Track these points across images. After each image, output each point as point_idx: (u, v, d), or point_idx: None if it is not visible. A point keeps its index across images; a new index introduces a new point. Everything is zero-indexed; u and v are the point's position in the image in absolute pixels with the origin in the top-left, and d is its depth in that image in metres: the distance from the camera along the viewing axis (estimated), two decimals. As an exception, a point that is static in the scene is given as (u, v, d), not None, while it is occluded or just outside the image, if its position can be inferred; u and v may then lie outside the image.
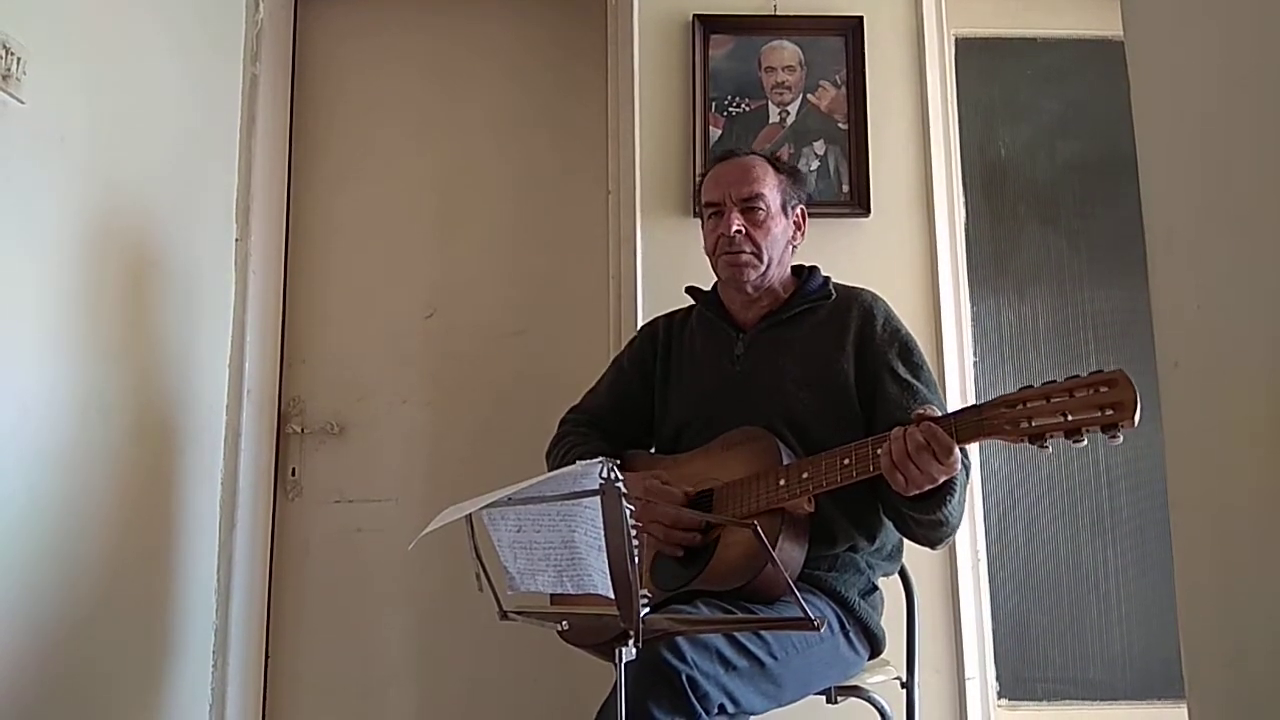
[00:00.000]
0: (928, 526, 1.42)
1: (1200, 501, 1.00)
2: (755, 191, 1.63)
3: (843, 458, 1.38)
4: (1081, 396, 1.16)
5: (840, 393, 1.56)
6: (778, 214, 1.65)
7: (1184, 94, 1.02)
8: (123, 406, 1.81)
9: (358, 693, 2.29)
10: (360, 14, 2.53)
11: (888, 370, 1.55)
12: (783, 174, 1.69)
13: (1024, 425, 1.20)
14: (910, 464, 1.28)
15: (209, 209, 2.16)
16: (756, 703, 1.37)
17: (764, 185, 1.64)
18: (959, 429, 1.27)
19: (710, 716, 1.29)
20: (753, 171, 1.65)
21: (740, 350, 1.66)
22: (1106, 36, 2.41)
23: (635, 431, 1.77)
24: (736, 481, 1.49)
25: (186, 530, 2.02)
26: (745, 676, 1.34)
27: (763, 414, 1.55)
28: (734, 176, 1.66)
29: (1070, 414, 1.16)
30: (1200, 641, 1.00)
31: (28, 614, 1.54)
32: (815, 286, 1.68)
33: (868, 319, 1.61)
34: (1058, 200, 2.44)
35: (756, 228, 1.63)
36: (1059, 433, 1.17)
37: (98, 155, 1.73)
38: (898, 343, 1.59)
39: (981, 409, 1.26)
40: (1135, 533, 2.29)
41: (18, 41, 1.47)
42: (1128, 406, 1.13)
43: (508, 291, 2.43)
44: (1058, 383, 1.20)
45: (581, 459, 1.63)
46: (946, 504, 1.36)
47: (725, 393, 1.63)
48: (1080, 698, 2.25)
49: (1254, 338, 0.89)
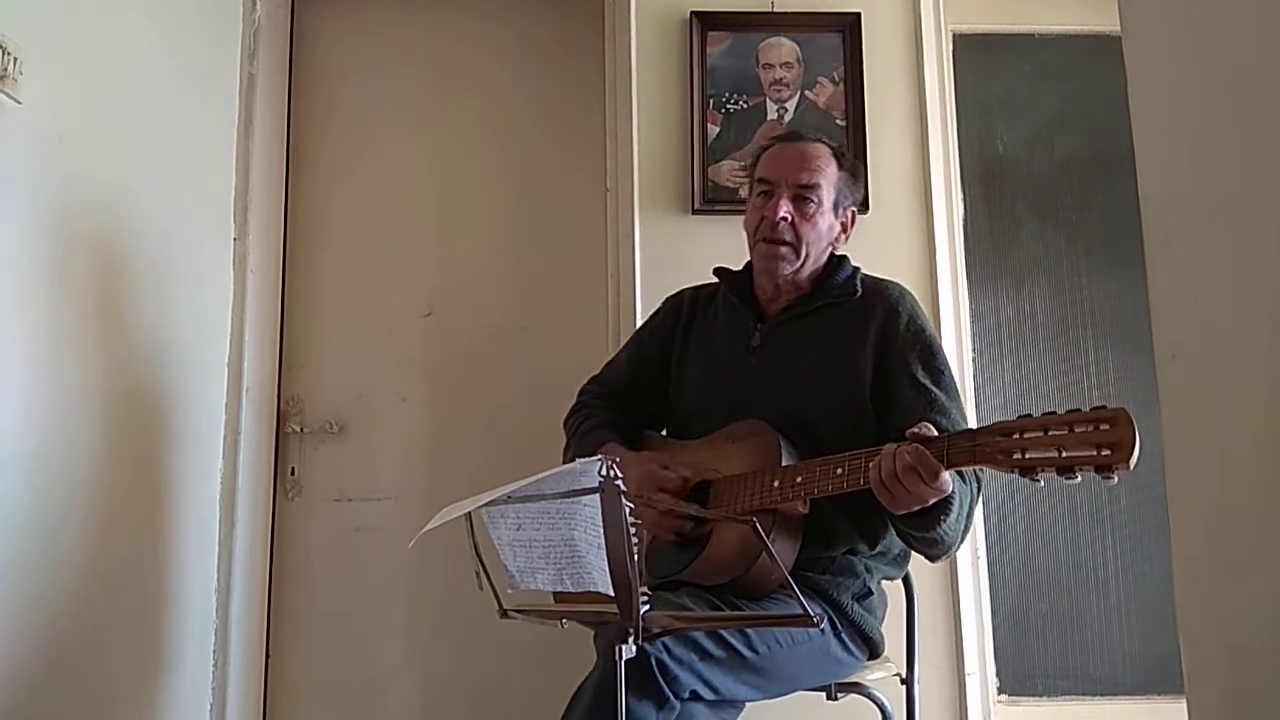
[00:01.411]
0: (923, 543, 1.40)
1: (1199, 494, 1.00)
2: (813, 181, 1.58)
3: (836, 467, 1.36)
4: (1080, 432, 1.13)
5: (854, 392, 1.53)
6: (828, 210, 1.60)
7: (1181, 89, 1.02)
8: (121, 407, 1.80)
9: (358, 691, 2.29)
10: (357, 13, 2.52)
11: (906, 374, 1.51)
12: (844, 171, 1.63)
13: (1017, 456, 1.17)
14: (898, 484, 1.25)
15: (207, 208, 2.15)
16: (740, 691, 1.37)
17: (823, 177, 1.59)
18: (950, 454, 1.24)
19: (682, 701, 1.28)
20: (815, 161, 1.60)
21: (757, 341, 1.63)
22: (1104, 32, 2.41)
23: (651, 406, 1.75)
24: (734, 477, 1.48)
25: (186, 530, 2.02)
26: (724, 665, 1.33)
27: (771, 408, 1.53)
28: (795, 160, 1.61)
29: (1065, 449, 1.13)
30: (1199, 636, 1.00)
31: (27, 614, 1.54)
32: (842, 279, 1.62)
33: (892, 316, 1.56)
34: (1056, 195, 2.44)
35: (804, 220, 1.58)
36: (1051, 469, 1.14)
37: (95, 155, 1.73)
38: (920, 344, 1.54)
39: (977, 434, 1.23)
40: (1134, 527, 2.30)
41: (14, 41, 1.47)
42: (1125, 447, 1.09)
43: (506, 290, 2.43)
44: (1057, 414, 1.16)
45: (597, 428, 1.66)
46: (940, 523, 1.32)
47: (737, 383, 1.61)
48: (1080, 693, 2.25)
49: (1251, 331, 0.89)
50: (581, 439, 1.67)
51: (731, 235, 2.20)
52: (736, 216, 2.21)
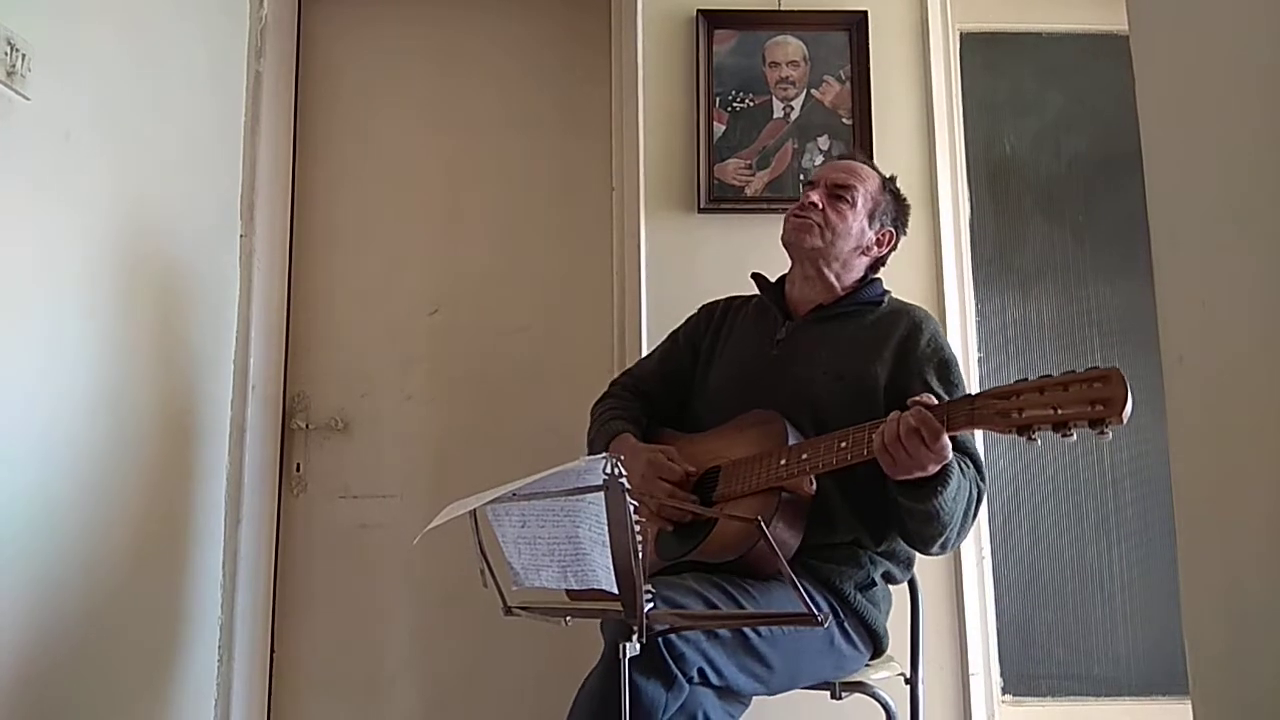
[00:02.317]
0: (920, 519, 1.42)
1: (1205, 497, 1.00)
2: (849, 183, 1.67)
3: (840, 440, 1.40)
4: (1074, 391, 1.18)
5: (869, 393, 1.57)
6: (861, 213, 1.67)
7: (1189, 89, 1.02)
8: (128, 403, 1.81)
9: (362, 687, 2.30)
10: (363, 10, 2.53)
11: (921, 382, 1.55)
12: (887, 191, 1.72)
13: (1014, 416, 1.22)
14: (900, 447, 1.31)
15: (214, 205, 2.16)
16: (742, 680, 1.38)
17: (860, 183, 1.68)
18: (950, 416, 1.30)
19: (690, 681, 1.30)
20: (859, 171, 1.71)
21: (782, 335, 1.69)
22: (1111, 31, 2.40)
23: (676, 404, 1.79)
24: (741, 460, 1.52)
25: (192, 525, 2.03)
26: (728, 646, 1.35)
27: (788, 399, 1.57)
28: (842, 167, 1.72)
29: (1060, 407, 1.18)
30: (1204, 638, 1.00)
31: (35, 608, 1.55)
32: (871, 294, 1.69)
33: (914, 332, 1.62)
34: (1062, 196, 2.43)
35: (833, 209, 1.66)
36: (1046, 425, 1.19)
37: (103, 152, 1.73)
38: (938, 359, 1.59)
39: (975, 399, 1.29)
40: (1139, 530, 2.29)
41: (23, 38, 1.48)
42: (1117, 403, 1.14)
43: (512, 288, 2.43)
44: (1052, 377, 1.21)
45: (616, 418, 1.71)
46: (938, 494, 1.37)
47: (758, 374, 1.66)
48: (1084, 694, 2.25)
49: (1259, 333, 0.89)
50: (601, 425, 1.74)
51: (737, 233, 2.21)
52: (742, 215, 2.24)
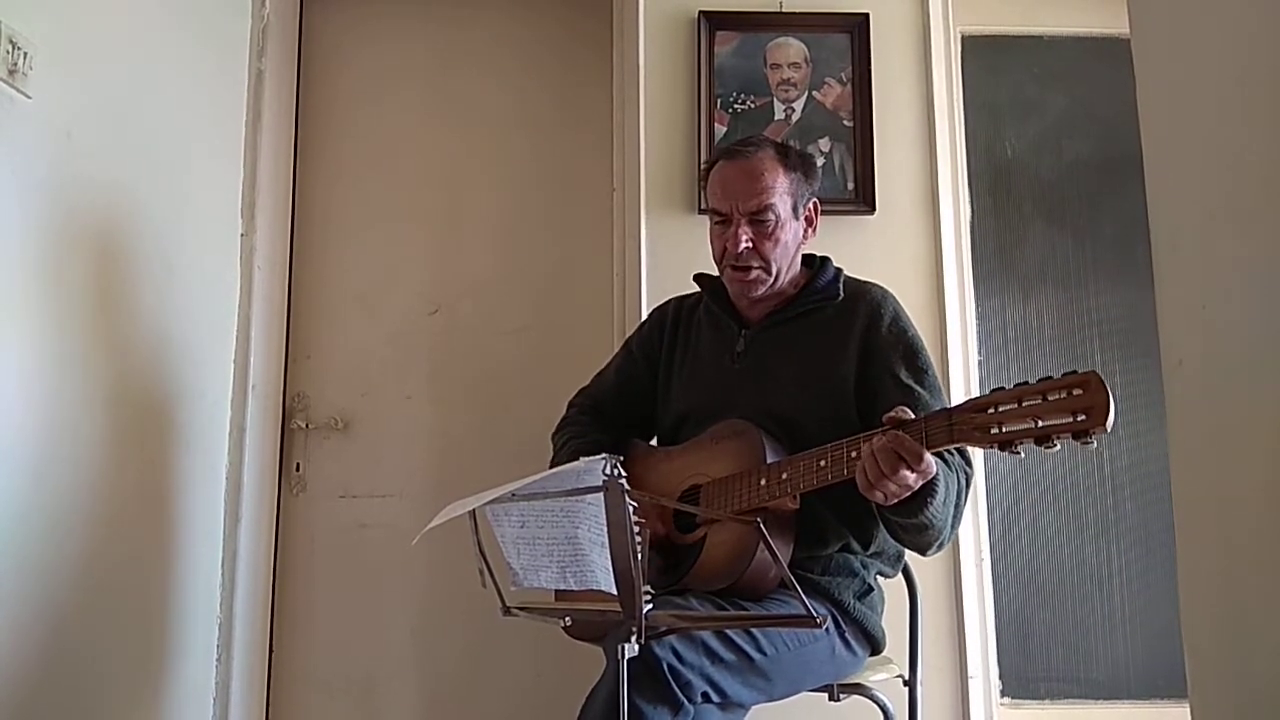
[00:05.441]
0: (913, 531, 1.39)
1: (1204, 501, 1.00)
2: (764, 204, 1.55)
3: (820, 459, 1.36)
4: (1054, 400, 1.12)
5: (839, 394, 1.54)
6: (788, 220, 1.58)
7: (1190, 92, 1.02)
8: (127, 402, 1.81)
9: (361, 687, 2.30)
10: (365, 9, 2.53)
11: (890, 375, 1.52)
12: (793, 173, 1.59)
13: (994, 431, 1.17)
14: (886, 481, 1.26)
15: (215, 204, 2.16)
16: (745, 694, 1.37)
17: (773, 194, 1.56)
18: (929, 436, 1.24)
19: (695, 704, 1.29)
20: (761, 180, 1.56)
21: (741, 348, 1.63)
22: (1113, 34, 2.40)
23: (638, 418, 1.76)
24: (721, 480, 1.49)
25: (191, 525, 2.03)
26: (732, 669, 1.34)
27: (757, 411, 1.53)
28: (741, 185, 1.57)
29: (1041, 419, 1.13)
30: (1203, 641, 1.00)
31: (32, 609, 1.55)
32: (824, 283, 1.62)
33: (874, 318, 1.57)
34: (1063, 199, 2.43)
35: (765, 239, 1.56)
36: (1029, 439, 1.14)
37: (103, 150, 1.73)
38: (903, 345, 1.55)
39: (952, 414, 1.24)
40: (1138, 532, 2.29)
41: (24, 36, 1.48)
42: (1100, 411, 1.08)
43: (512, 288, 2.43)
44: (1029, 384, 1.16)
45: (579, 451, 1.63)
46: (928, 506, 1.32)
47: (724, 389, 1.62)
48: (1083, 697, 2.25)
49: (1259, 337, 0.89)
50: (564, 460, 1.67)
51: (738, 235, 2.21)
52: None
